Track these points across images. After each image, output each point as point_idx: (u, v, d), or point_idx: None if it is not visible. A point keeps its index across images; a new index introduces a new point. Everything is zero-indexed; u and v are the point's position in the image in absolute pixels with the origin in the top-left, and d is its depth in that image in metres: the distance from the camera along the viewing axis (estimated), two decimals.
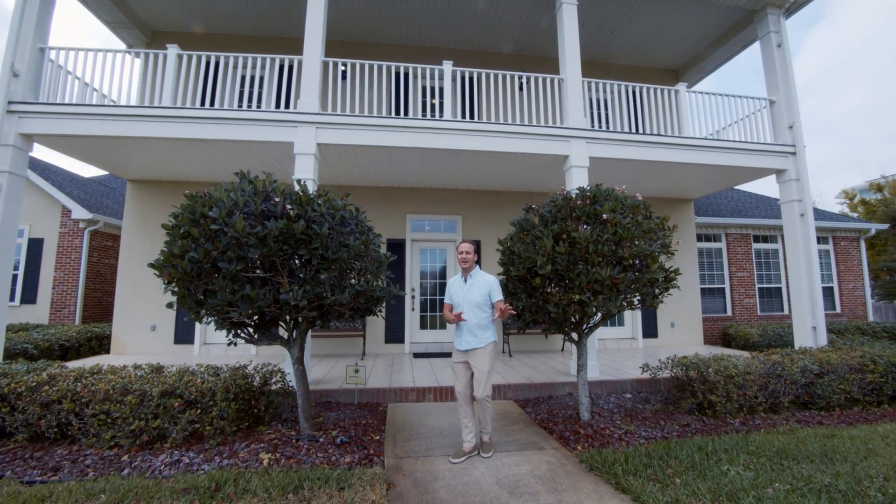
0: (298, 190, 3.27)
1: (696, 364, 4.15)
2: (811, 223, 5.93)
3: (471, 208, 8.29)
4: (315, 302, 3.13)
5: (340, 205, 3.26)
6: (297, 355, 3.73)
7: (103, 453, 3.38)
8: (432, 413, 4.37)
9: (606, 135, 5.87)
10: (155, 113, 5.48)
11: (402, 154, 6.14)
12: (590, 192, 3.53)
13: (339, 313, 3.42)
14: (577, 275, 3.20)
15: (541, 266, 3.35)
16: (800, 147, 6.17)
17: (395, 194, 8.08)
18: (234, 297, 2.89)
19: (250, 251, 2.85)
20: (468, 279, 3.38)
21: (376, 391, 4.81)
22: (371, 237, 3.40)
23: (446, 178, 7.55)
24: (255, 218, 3.02)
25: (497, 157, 6.22)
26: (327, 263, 3.02)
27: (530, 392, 4.98)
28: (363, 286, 3.21)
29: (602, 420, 3.95)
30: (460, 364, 3.34)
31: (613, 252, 3.15)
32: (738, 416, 4.01)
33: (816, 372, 4.25)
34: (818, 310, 5.77)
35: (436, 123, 5.68)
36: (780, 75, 6.36)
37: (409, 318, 7.91)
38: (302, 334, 3.72)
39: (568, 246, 3.28)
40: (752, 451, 3.11)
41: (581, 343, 3.95)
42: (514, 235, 3.90)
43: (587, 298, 3.19)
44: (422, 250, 8.32)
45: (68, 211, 9.70)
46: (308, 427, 3.66)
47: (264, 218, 3.01)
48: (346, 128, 5.62)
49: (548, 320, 3.66)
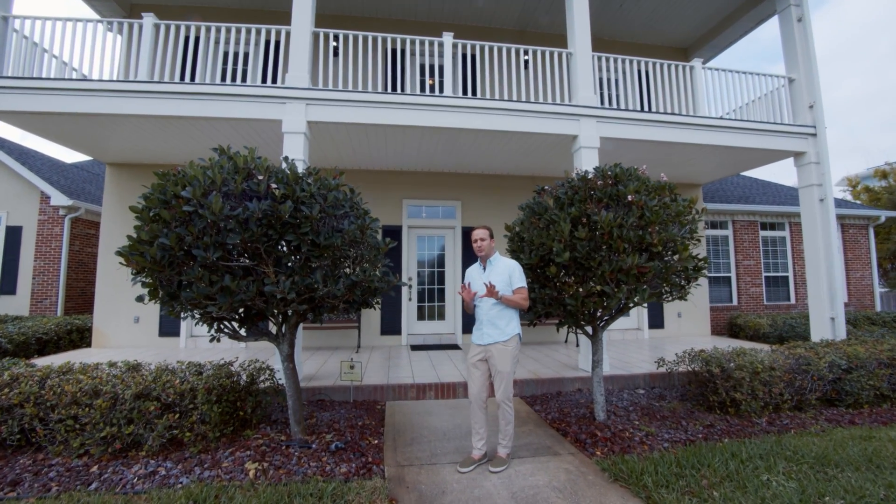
0: (285, 168, 2.88)
1: (717, 359, 3.86)
2: (831, 209, 5.63)
3: (470, 193, 7.91)
4: (305, 294, 2.76)
5: (333, 184, 2.88)
6: (286, 352, 3.39)
7: (71, 463, 3.04)
8: (434, 412, 4.06)
9: (619, 113, 5.48)
10: (129, 88, 5.00)
11: (398, 133, 5.72)
12: (610, 171, 3.17)
13: (333, 306, 3.06)
14: (598, 263, 2.86)
15: (557, 253, 3.01)
16: (820, 128, 5.84)
17: (391, 178, 7.67)
18: (211, 290, 2.52)
19: (229, 236, 2.47)
20: (487, 266, 3.05)
21: (373, 388, 4.49)
22: (368, 221, 3.03)
23: (445, 161, 7.14)
24: (236, 199, 2.64)
25: (501, 138, 5.83)
26: (318, 251, 2.65)
27: (538, 388, 4.69)
28: (359, 276, 2.85)
29: (619, 420, 3.67)
30: (478, 362, 2.99)
31: (640, 238, 2.81)
32: (764, 415, 3.75)
33: (844, 367, 3.99)
34: (837, 300, 5.51)
35: (435, 100, 5.26)
36: (801, 51, 5.98)
37: (406, 308, 7.59)
38: (292, 329, 3.36)
39: (588, 231, 2.93)
40: (789, 456, 2.83)
41: (596, 337, 3.64)
42: (525, 220, 3.55)
43: (610, 290, 2.86)
44: (419, 237, 7.96)
45: (47, 197, 9.18)
46: (299, 430, 3.33)
47: (246, 199, 2.62)
48: (339, 104, 5.19)
49: (563, 313, 3.33)
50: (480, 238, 3.02)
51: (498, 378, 2.90)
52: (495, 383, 2.92)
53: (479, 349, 2.98)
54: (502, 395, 2.89)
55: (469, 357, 3.05)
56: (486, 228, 3.07)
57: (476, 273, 3.12)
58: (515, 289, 2.94)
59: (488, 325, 2.96)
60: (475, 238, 3.00)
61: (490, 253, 3.05)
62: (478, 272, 3.11)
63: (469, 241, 8.09)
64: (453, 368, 5.31)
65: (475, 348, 3.02)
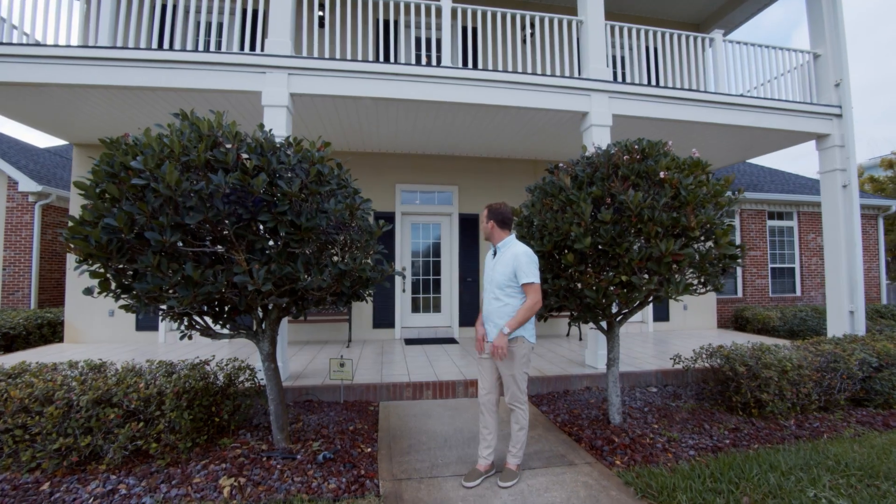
0: (260, 136, 2.44)
1: (741, 357, 3.54)
2: (856, 196, 5.31)
3: (468, 178, 7.48)
4: (285, 285, 2.35)
5: (317, 156, 2.44)
6: (267, 350, 2.99)
7: (20, 479, 2.64)
8: (433, 414, 3.71)
9: (634, 88, 5.06)
10: (90, 55, 4.46)
11: (391, 109, 5.25)
12: (637, 145, 2.77)
13: (318, 299, 2.66)
14: (625, 250, 2.48)
15: (576, 239, 2.62)
16: (847, 108, 5.47)
17: (384, 161, 7.20)
18: (170, 280, 2.10)
19: (189, 215, 2.04)
20: (497, 252, 2.61)
21: (365, 387, 4.12)
22: (358, 201, 2.61)
23: (442, 143, 6.69)
24: (199, 171, 2.20)
25: (503, 115, 5.39)
26: (300, 234, 2.23)
27: (543, 386, 4.36)
28: (348, 265, 2.45)
29: (635, 423, 3.35)
30: (484, 360, 2.62)
31: (674, 221, 2.43)
32: (791, 417, 3.45)
33: (875, 365, 3.70)
34: (858, 293, 5.23)
35: (432, 70, 4.79)
36: (828, 24, 5.58)
37: (400, 300, 7.20)
38: (273, 325, 2.96)
39: (613, 213, 2.54)
40: (831, 467, 2.52)
41: (612, 333, 3.29)
42: (536, 202, 3.15)
43: (637, 280, 2.49)
44: (413, 225, 7.53)
45: (15, 183, 8.58)
46: (283, 438, 2.96)
47: (210, 170, 2.18)
48: (325, 74, 4.70)
49: (578, 306, 2.97)
50: (483, 219, 2.62)
51: (504, 379, 2.55)
52: (504, 385, 2.56)
53: (487, 346, 2.62)
54: (511, 398, 2.54)
55: (479, 354, 2.69)
56: (487, 208, 2.59)
57: (489, 259, 2.71)
58: (523, 284, 2.42)
59: (490, 324, 2.57)
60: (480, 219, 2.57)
61: (498, 237, 2.58)
62: (489, 260, 2.70)
63: (467, 229, 7.73)
64: (451, 365, 4.96)
65: (486, 346, 2.65)
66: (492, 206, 2.58)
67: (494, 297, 2.54)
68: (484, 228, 2.60)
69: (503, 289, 2.52)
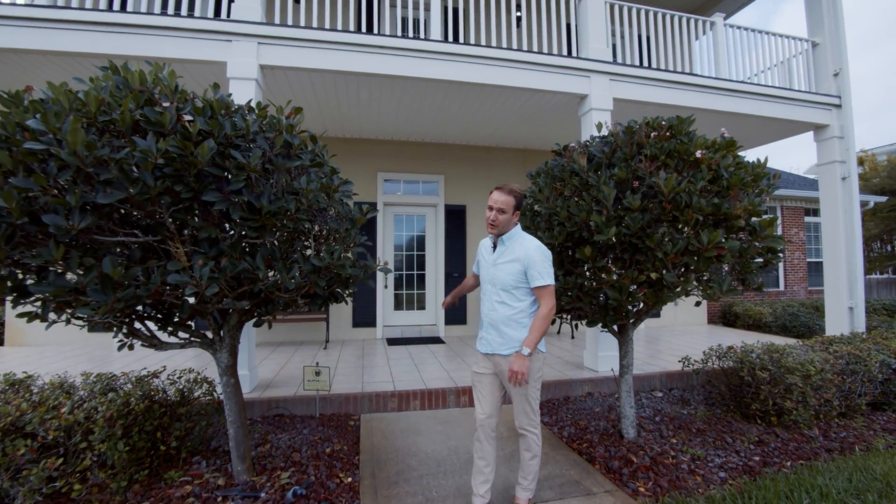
0: (211, 96, 1.90)
1: (760, 360, 3.27)
2: (855, 188, 5.17)
3: (455, 167, 7.02)
4: (243, 287, 1.85)
5: (285, 123, 1.93)
6: (226, 362, 2.46)
7: None
8: (422, 430, 3.27)
9: (636, 71, 4.72)
10: (14, 13, 3.73)
11: (374, 87, 4.72)
12: (665, 121, 2.39)
13: (287, 302, 2.16)
14: (657, 242, 2.10)
15: (597, 229, 2.22)
16: (846, 99, 5.33)
17: (365, 148, 6.65)
18: (80, 281, 1.56)
19: (106, 193, 1.50)
20: (499, 245, 2.15)
21: (345, 398, 3.64)
22: (336, 182, 2.11)
23: (428, 128, 6.20)
24: (122, 135, 1.66)
25: (496, 96, 4.96)
26: (260, 220, 1.73)
27: (542, 393, 3.97)
28: (324, 260, 1.95)
29: (651, 437, 3.01)
30: (483, 375, 2.16)
31: (716, 208, 2.07)
32: (814, 425, 3.20)
33: (895, 367, 3.50)
34: (858, 288, 5.11)
35: (419, 44, 4.29)
36: (827, 12, 5.40)
37: (382, 297, 6.71)
38: (233, 332, 2.44)
39: (641, 198, 2.15)
40: (883, 490, 2.23)
41: (625, 336, 2.93)
42: (544, 187, 2.74)
43: (672, 278, 2.11)
44: (396, 216, 7.03)
45: None
46: (245, 469, 2.45)
47: (137, 133, 1.65)
48: (301, 45, 4.13)
49: (594, 309, 2.58)
50: (498, 208, 2.04)
51: (514, 399, 2.11)
52: (514, 405, 2.13)
53: (484, 360, 2.17)
54: (523, 421, 2.12)
55: (473, 366, 2.23)
56: (511, 194, 2.05)
57: (485, 253, 2.25)
58: (535, 287, 2.02)
59: (490, 329, 2.13)
60: (490, 205, 2.07)
61: (505, 229, 2.11)
62: (486, 251, 2.24)
63: (454, 221, 7.27)
64: (439, 369, 4.53)
65: (479, 357, 2.21)
66: (513, 189, 2.08)
67: (499, 301, 2.10)
68: (501, 221, 2.06)
69: (510, 291, 2.08)
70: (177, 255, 1.62)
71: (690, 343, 5.95)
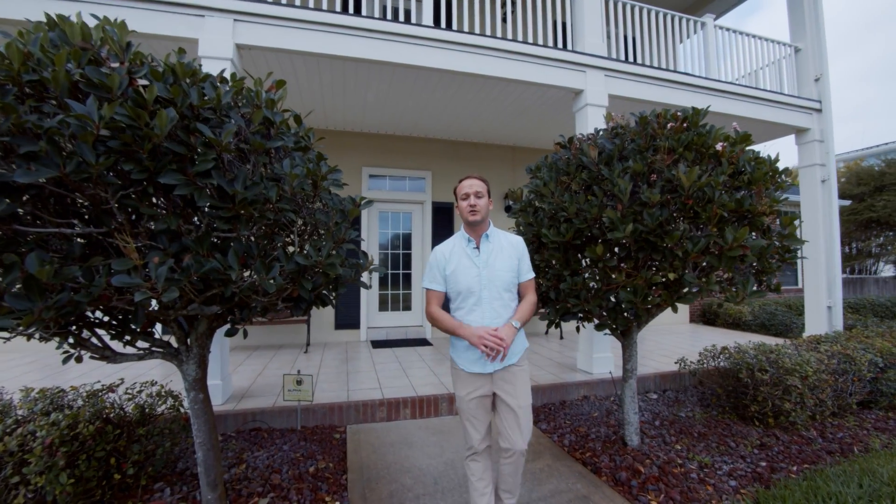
0: (174, 59, 1.59)
1: (759, 361, 3.21)
2: (834, 190, 5.29)
3: (443, 163, 6.80)
4: (213, 290, 1.55)
5: (265, 97, 1.65)
6: (194, 375, 2.14)
7: None
8: (415, 441, 3.03)
9: (632, 68, 4.63)
10: None
11: (360, 73, 4.43)
12: (681, 112, 2.25)
13: (266, 306, 1.88)
14: (677, 240, 1.94)
15: (612, 226, 2.05)
16: (826, 103, 5.44)
17: (350, 141, 6.33)
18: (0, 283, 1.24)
19: (29, 170, 1.19)
20: (482, 243, 1.92)
21: (329, 408, 3.35)
22: (324, 169, 1.84)
23: (416, 121, 5.94)
24: (56, 102, 1.34)
25: (490, 89, 4.77)
26: (234, 209, 1.44)
27: (537, 398, 3.82)
28: (310, 258, 1.68)
29: (654, 444, 2.88)
30: (479, 400, 1.88)
31: (739, 203, 1.93)
32: (811, 426, 3.17)
33: (882, 365, 3.53)
34: (836, 288, 5.22)
35: (410, 29, 4.04)
36: (809, 18, 5.51)
37: (366, 297, 6.40)
38: (201, 340, 2.12)
39: (660, 193, 1.99)
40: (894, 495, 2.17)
41: (630, 339, 2.79)
42: (549, 181, 2.55)
43: (692, 279, 1.96)
44: (381, 214, 6.73)
45: None
46: (216, 498, 2.14)
47: (74, 95, 1.33)
48: (282, 24, 3.79)
49: (603, 311, 2.41)
50: (475, 192, 1.86)
51: (518, 413, 1.84)
52: (516, 422, 1.83)
53: (479, 380, 1.87)
54: (525, 441, 1.86)
55: (463, 393, 1.88)
56: (482, 179, 1.93)
57: (463, 258, 1.90)
58: (526, 281, 1.94)
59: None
60: (466, 192, 1.87)
61: (487, 224, 1.93)
62: (466, 255, 1.90)
63: (441, 218, 7.02)
64: (428, 373, 4.30)
65: (473, 380, 1.87)
66: (485, 180, 1.94)
67: (503, 305, 1.88)
68: (482, 205, 1.87)
69: (510, 290, 1.92)
70: (126, 252, 1.31)
71: (677, 343, 5.96)
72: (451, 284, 1.91)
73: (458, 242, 1.97)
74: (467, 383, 1.90)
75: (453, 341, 1.97)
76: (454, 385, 1.96)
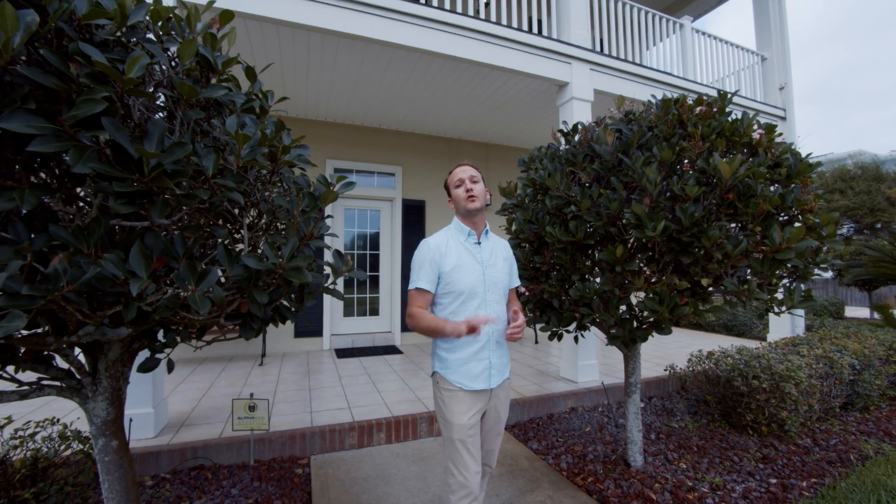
0: None
1: (752, 367, 3.09)
2: None
3: (414, 158, 6.36)
4: (107, 308, 1.04)
5: (200, 27, 1.16)
6: (104, 416, 1.60)
7: None
8: (393, 474, 2.58)
9: (618, 64, 4.47)
10: None
11: (327, 48, 3.91)
12: (706, 97, 2.00)
13: (203, 325, 1.37)
14: (714, 241, 1.67)
15: (641, 222, 1.75)
16: (790, 112, 5.63)
17: (312, 130, 5.72)
18: None
19: None
20: (483, 240, 1.66)
21: (289, 436, 2.82)
22: (287, 141, 1.37)
23: (386, 112, 5.47)
24: None
25: (469, 77, 4.42)
26: (142, 181, 0.95)
27: (523, 412, 3.51)
28: (268, 261, 1.21)
29: (658, 463, 2.65)
30: (477, 423, 1.57)
31: (782, 199, 1.69)
32: (804, 433, 3.09)
33: (859, 368, 3.56)
34: None
35: (385, 1, 3.59)
36: (774, 29, 5.68)
37: (330, 301, 5.83)
38: (114, 369, 1.57)
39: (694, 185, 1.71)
40: None
41: (634, 350, 2.54)
42: (553, 173, 2.22)
43: (732, 285, 1.70)
44: (347, 211, 6.18)
45: None
46: None
47: None
48: None
49: (615, 322, 2.12)
50: (470, 177, 1.61)
51: (501, 431, 1.73)
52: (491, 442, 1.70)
53: (483, 398, 1.58)
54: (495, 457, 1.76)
55: (464, 419, 1.52)
56: (476, 167, 1.67)
57: (460, 249, 1.60)
58: (515, 287, 1.81)
59: (498, 352, 1.62)
60: (460, 177, 1.62)
61: (483, 218, 1.67)
62: (465, 250, 1.61)
63: (412, 217, 6.53)
64: (402, 387, 3.86)
65: (476, 399, 1.56)
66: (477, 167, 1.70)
67: (502, 311, 1.66)
68: (474, 186, 1.60)
69: (506, 294, 1.71)
70: None
71: (651, 345, 5.91)
72: (448, 284, 1.56)
73: (454, 235, 1.64)
74: (469, 405, 1.55)
75: (441, 355, 1.60)
76: (446, 409, 1.57)
